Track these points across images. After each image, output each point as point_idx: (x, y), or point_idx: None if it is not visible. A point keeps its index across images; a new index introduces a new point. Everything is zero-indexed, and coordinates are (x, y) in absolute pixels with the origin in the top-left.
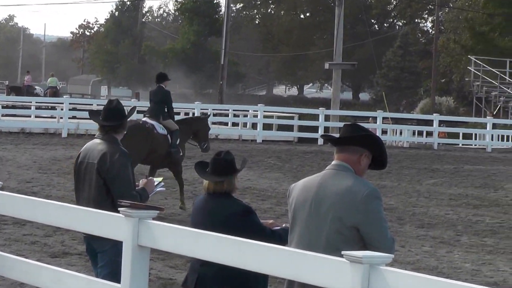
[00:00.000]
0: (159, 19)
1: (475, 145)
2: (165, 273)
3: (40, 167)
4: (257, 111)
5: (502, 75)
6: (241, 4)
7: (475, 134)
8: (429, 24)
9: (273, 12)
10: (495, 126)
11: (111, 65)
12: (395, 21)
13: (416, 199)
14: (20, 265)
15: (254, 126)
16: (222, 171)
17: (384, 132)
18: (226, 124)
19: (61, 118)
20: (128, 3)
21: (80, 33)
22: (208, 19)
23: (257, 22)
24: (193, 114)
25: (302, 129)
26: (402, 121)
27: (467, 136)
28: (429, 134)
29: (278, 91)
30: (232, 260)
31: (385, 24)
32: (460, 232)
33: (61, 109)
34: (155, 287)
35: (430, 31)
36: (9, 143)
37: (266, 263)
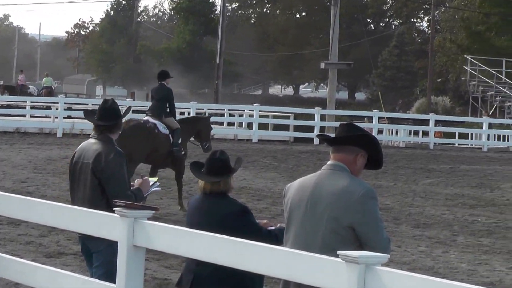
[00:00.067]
0: (155, 19)
1: (471, 145)
2: (160, 273)
3: (35, 167)
4: (253, 111)
5: (498, 75)
6: (237, 4)
7: (471, 134)
8: (425, 24)
9: (269, 12)
10: (491, 126)
11: (106, 65)
12: (391, 21)
13: (412, 199)
14: (15, 265)
15: (250, 126)
16: (218, 171)
17: (380, 132)
18: (222, 124)
19: (56, 118)
20: (123, 3)
21: (75, 33)
22: (204, 19)
23: (253, 22)
24: (189, 114)
25: (298, 129)
26: (398, 121)
27: (463, 136)
28: (425, 134)
29: (274, 91)
30: (228, 260)
31: (381, 24)
32: (456, 232)
33: (56, 109)
34: (150, 287)
35: (426, 31)
36: (4, 143)
37: (262, 263)
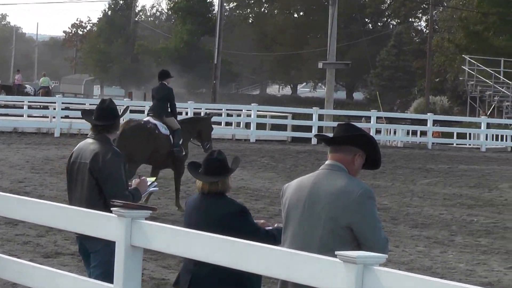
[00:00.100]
0: (152, 18)
1: (470, 145)
2: (158, 273)
3: (33, 167)
4: (251, 111)
5: (497, 75)
6: (235, 3)
7: (470, 134)
8: (423, 23)
9: (267, 11)
10: (490, 126)
11: (104, 65)
12: (389, 20)
13: (410, 199)
14: (13, 265)
15: (248, 126)
16: (216, 171)
17: (378, 132)
18: (220, 124)
19: (54, 118)
20: (121, 2)
21: (73, 32)
22: (201, 18)
23: (251, 21)
24: (187, 114)
25: (296, 129)
26: (396, 121)
27: (461, 136)
28: (423, 134)
29: (272, 91)
30: (226, 261)
31: (379, 23)
32: (454, 232)
33: (54, 109)
34: (148, 287)
35: (424, 30)
36: (1, 143)
37: (260, 263)
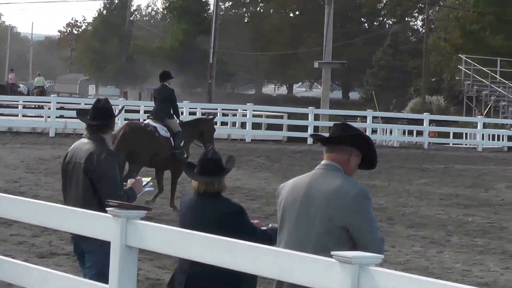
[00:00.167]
0: (148, 18)
1: (466, 145)
2: (153, 274)
3: (28, 167)
4: (246, 110)
5: (493, 74)
6: (230, 3)
7: (466, 134)
8: (420, 23)
9: (262, 11)
10: (486, 126)
11: (99, 64)
12: (385, 20)
13: (406, 199)
14: (7, 266)
15: (243, 126)
16: (212, 171)
17: (374, 132)
18: (215, 124)
19: (49, 117)
20: (116, 2)
21: (68, 32)
22: (197, 18)
23: (246, 21)
24: (182, 114)
25: (292, 129)
26: (392, 120)
27: (458, 136)
28: (420, 134)
29: (267, 90)
30: (221, 261)
31: (375, 23)
32: (451, 232)
33: (49, 108)
34: None
35: (421, 30)
36: None
37: (256, 264)
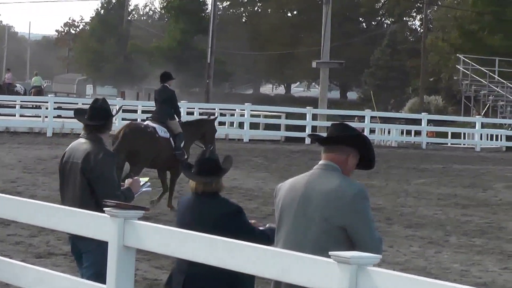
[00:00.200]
0: (145, 17)
1: (464, 145)
2: (151, 274)
3: (25, 167)
4: (244, 110)
5: (491, 74)
6: (228, 2)
7: (464, 134)
8: (418, 23)
9: (260, 10)
10: (484, 126)
11: (97, 64)
12: (383, 20)
13: (405, 199)
14: (4, 266)
15: (241, 125)
16: (210, 171)
17: (372, 132)
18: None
19: (46, 117)
20: (114, 1)
21: (66, 32)
22: (195, 17)
23: (244, 20)
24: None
25: (289, 128)
26: (390, 120)
27: (456, 136)
28: (418, 134)
29: (265, 90)
30: (220, 261)
31: (373, 23)
32: (449, 232)
33: (46, 108)
34: None
35: (419, 30)
36: None
37: (253, 264)
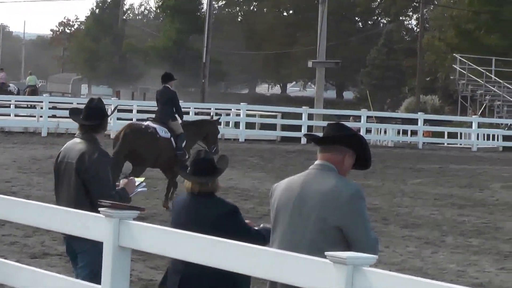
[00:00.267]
0: (140, 17)
1: (461, 145)
2: (146, 274)
3: (20, 167)
4: (240, 110)
5: (488, 74)
6: (223, 2)
7: (461, 133)
8: (414, 22)
9: (256, 10)
10: (481, 125)
11: (92, 63)
12: (380, 19)
13: (401, 199)
14: None
15: (237, 125)
16: (206, 171)
17: (368, 131)
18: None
19: (41, 117)
20: (109, 1)
21: (60, 31)
22: (190, 17)
23: (240, 20)
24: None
25: (285, 128)
26: (387, 120)
27: (452, 135)
28: (414, 133)
29: (261, 90)
30: (215, 261)
31: (370, 22)
32: (445, 233)
33: (41, 108)
34: None
35: (415, 29)
36: None
37: (250, 264)
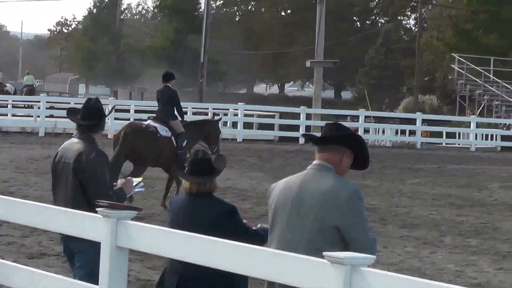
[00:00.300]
0: (138, 16)
1: (459, 144)
2: (144, 274)
3: (17, 167)
4: (238, 110)
5: (486, 73)
6: (221, 1)
7: (459, 133)
8: (412, 22)
9: (254, 10)
10: (479, 125)
11: (89, 63)
12: (378, 19)
13: (399, 199)
14: None
15: (235, 125)
16: (204, 171)
17: (367, 131)
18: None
19: (38, 117)
20: (106, 0)
21: (58, 31)
22: (188, 17)
23: (238, 20)
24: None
25: (283, 128)
26: (385, 120)
27: (451, 135)
28: (412, 133)
29: (259, 90)
30: (213, 261)
31: (368, 22)
32: (444, 233)
33: (38, 108)
34: None
35: (413, 29)
36: None
37: (247, 264)
